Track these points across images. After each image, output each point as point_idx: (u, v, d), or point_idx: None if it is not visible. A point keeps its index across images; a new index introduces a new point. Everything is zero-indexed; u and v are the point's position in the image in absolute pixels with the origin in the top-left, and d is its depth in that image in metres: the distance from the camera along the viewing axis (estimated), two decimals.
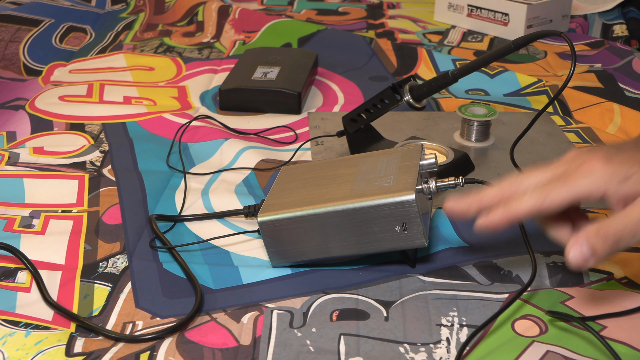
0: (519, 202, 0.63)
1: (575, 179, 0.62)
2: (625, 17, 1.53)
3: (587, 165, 0.63)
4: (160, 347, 0.65)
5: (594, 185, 0.62)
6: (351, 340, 0.65)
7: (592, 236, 0.59)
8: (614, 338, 0.65)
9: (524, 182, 0.65)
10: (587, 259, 0.59)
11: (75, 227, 0.83)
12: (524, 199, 0.63)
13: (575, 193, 0.62)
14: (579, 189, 0.62)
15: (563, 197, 0.62)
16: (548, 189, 0.63)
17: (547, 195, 0.62)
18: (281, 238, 0.74)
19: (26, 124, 1.08)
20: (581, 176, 0.62)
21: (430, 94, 0.90)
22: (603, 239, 0.59)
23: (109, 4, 1.65)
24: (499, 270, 0.75)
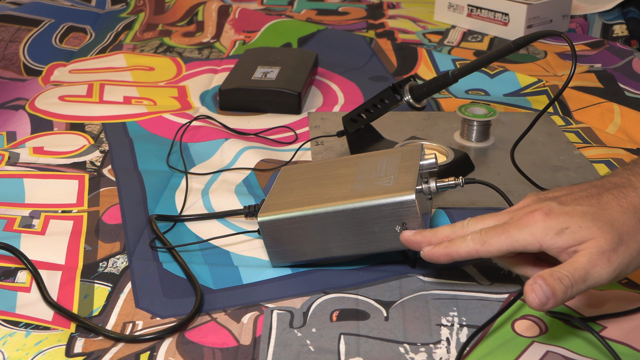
0: (460, 243, 0.66)
1: (513, 230, 0.64)
2: (625, 17, 1.53)
3: (527, 218, 0.65)
4: (160, 347, 0.65)
5: (530, 238, 0.64)
6: (351, 340, 0.65)
7: (548, 278, 0.61)
8: (614, 338, 0.65)
9: (472, 226, 0.68)
10: (548, 299, 0.60)
11: (75, 227, 0.83)
12: (465, 241, 0.66)
13: (511, 244, 0.64)
14: (514, 241, 0.64)
15: (500, 246, 0.64)
16: (487, 237, 0.65)
17: (485, 242, 0.65)
18: (281, 238, 0.74)
19: (26, 124, 1.08)
20: (518, 228, 0.64)
21: (430, 94, 0.90)
22: (558, 280, 0.60)
23: (109, 4, 1.65)
24: (499, 270, 0.75)
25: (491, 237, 0.65)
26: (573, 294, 0.61)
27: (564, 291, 0.60)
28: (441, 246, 0.67)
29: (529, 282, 0.61)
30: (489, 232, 0.65)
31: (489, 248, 0.65)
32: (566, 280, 0.60)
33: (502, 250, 0.65)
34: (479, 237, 0.65)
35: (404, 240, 0.70)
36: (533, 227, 0.64)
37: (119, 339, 0.66)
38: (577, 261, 0.61)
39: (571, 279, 0.60)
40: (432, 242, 0.68)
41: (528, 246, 0.64)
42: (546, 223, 0.63)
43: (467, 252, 0.66)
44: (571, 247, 0.62)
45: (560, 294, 0.60)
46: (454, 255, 0.66)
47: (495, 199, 0.87)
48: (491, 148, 1.01)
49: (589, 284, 0.61)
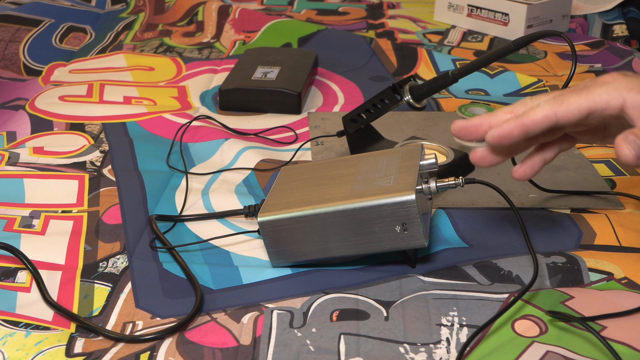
0: (534, 110, 0.61)
1: (592, 88, 0.60)
2: (625, 17, 1.53)
3: (604, 77, 0.61)
4: (160, 347, 0.65)
5: (613, 93, 0.60)
6: (351, 340, 0.65)
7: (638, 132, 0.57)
8: (614, 338, 0.65)
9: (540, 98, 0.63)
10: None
11: (75, 227, 0.83)
12: (539, 107, 0.60)
13: (592, 102, 0.60)
14: (596, 97, 0.60)
15: (580, 105, 0.60)
16: (564, 97, 0.60)
17: (563, 103, 0.60)
18: (281, 238, 0.74)
19: (26, 124, 1.08)
20: (598, 86, 0.60)
21: (430, 94, 0.90)
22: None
23: (109, 4, 1.65)
24: (499, 270, 0.75)
25: (569, 97, 0.60)
26: None
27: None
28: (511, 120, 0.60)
29: (621, 136, 0.57)
30: (565, 94, 0.60)
31: (568, 107, 0.60)
32: None
33: (583, 108, 0.60)
34: (556, 100, 0.60)
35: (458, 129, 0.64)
36: (616, 83, 0.60)
37: (119, 339, 0.66)
38: None
39: None
40: (491, 122, 0.63)
41: (611, 102, 0.60)
42: (628, 79, 0.60)
43: (544, 116, 0.60)
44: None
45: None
46: (529, 123, 0.60)
47: (495, 199, 0.87)
48: None
49: None
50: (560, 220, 0.84)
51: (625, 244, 0.80)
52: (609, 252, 0.78)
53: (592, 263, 0.76)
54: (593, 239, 0.80)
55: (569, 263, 0.76)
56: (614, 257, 0.77)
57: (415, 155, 0.77)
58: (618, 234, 0.81)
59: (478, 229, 0.82)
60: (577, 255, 0.77)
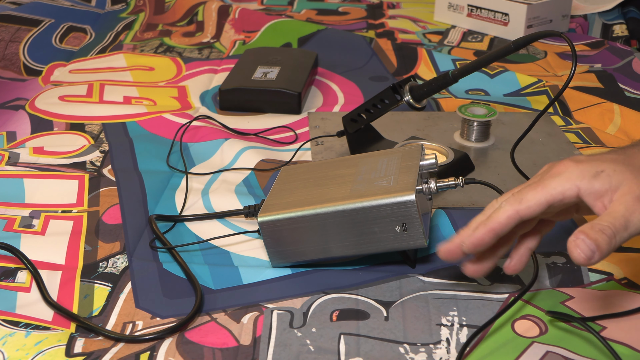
0: (497, 213, 0.64)
1: (547, 181, 0.63)
2: (625, 17, 1.53)
3: (558, 167, 0.64)
4: (160, 347, 0.65)
5: (567, 183, 0.62)
6: (351, 340, 0.65)
7: (589, 231, 0.59)
8: (614, 339, 0.65)
9: (502, 198, 0.66)
10: (593, 252, 0.59)
11: (75, 227, 0.83)
12: (501, 208, 0.64)
13: (549, 195, 0.63)
14: (552, 189, 0.63)
15: (539, 199, 0.63)
16: (522, 194, 0.63)
17: (522, 200, 0.63)
18: (281, 238, 0.74)
19: (26, 124, 1.08)
20: (553, 177, 0.63)
21: (430, 94, 0.90)
22: (600, 232, 0.59)
23: (109, 4, 1.65)
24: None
25: (527, 193, 0.63)
26: (617, 243, 0.60)
27: (608, 242, 0.59)
28: (480, 226, 0.64)
29: (571, 238, 0.59)
30: (522, 191, 0.63)
31: (528, 204, 0.62)
32: (608, 230, 0.59)
33: (542, 203, 0.62)
34: (514, 198, 0.63)
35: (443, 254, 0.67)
36: (568, 173, 0.62)
37: (119, 339, 0.66)
38: (615, 210, 0.60)
39: (613, 229, 0.59)
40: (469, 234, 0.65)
41: (566, 192, 0.62)
42: (580, 167, 0.62)
43: (508, 217, 0.63)
44: (607, 192, 0.61)
45: (604, 245, 0.59)
46: (496, 226, 0.63)
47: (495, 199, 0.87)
48: (491, 148, 1.01)
49: (630, 231, 0.60)
50: None
51: (625, 244, 0.79)
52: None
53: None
54: None
55: (568, 263, 0.76)
56: (614, 257, 0.77)
57: (415, 155, 0.77)
58: None
59: None
60: None
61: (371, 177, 0.75)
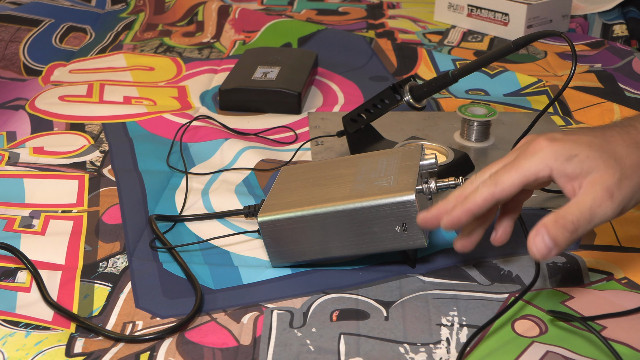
0: (473, 194, 0.65)
1: (521, 162, 0.64)
2: (625, 17, 1.53)
3: (532, 146, 0.64)
4: (160, 347, 0.65)
5: (540, 164, 0.63)
6: (351, 340, 0.65)
7: (551, 227, 0.61)
8: (614, 338, 0.65)
9: (479, 179, 0.67)
10: (550, 250, 0.60)
11: (75, 227, 0.83)
12: (478, 190, 0.65)
13: (523, 176, 0.63)
14: (525, 170, 0.63)
15: (513, 181, 0.64)
16: (497, 176, 0.64)
17: (497, 182, 0.64)
18: (281, 238, 0.74)
19: (26, 124, 1.08)
20: (527, 158, 0.64)
21: (431, 94, 0.90)
22: (562, 228, 0.60)
23: (109, 4, 1.65)
24: (499, 270, 0.75)
25: (502, 175, 0.64)
26: (578, 237, 0.61)
27: (568, 238, 0.60)
28: (457, 207, 0.65)
29: (532, 232, 0.61)
30: (498, 172, 0.64)
31: (502, 186, 0.64)
32: (570, 226, 0.60)
33: (516, 184, 0.63)
34: (490, 180, 0.64)
35: (421, 223, 0.68)
36: (541, 153, 0.63)
37: (119, 339, 0.66)
38: (582, 201, 0.61)
39: (576, 224, 0.60)
40: (448, 209, 0.67)
41: (540, 173, 0.63)
42: (554, 148, 0.63)
43: (484, 199, 0.64)
44: (578, 176, 0.62)
45: (563, 242, 0.60)
46: (473, 207, 0.65)
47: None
48: (491, 148, 1.01)
49: (594, 223, 0.61)
50: None
51: (625, 244, 0.80)
52: (609, 252, 0.78)
53: (592, 263, 0.76)
54: (593, 239, 0.80)
55: (569, 263, 0.76)
56: (614, 257, 0.77)
57: (415, 155, 0.77)
58: (618, 234, 0.81)
59: None
60: (577, 255, 0.77)
61: (371, 177, 0.75)
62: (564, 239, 0.60)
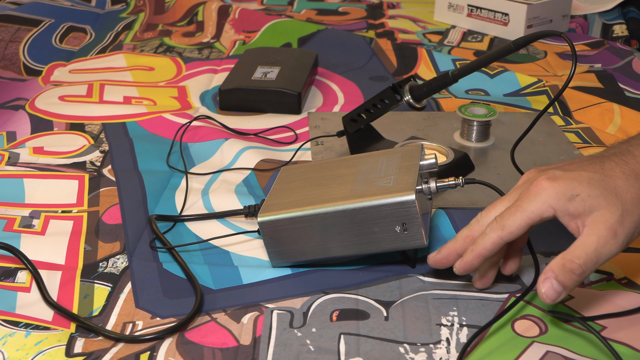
0: (482, 239, 0.67)
1: (525, 204, 0.65)
2: (625, 17, 1.53)
3: (534, 187, 0.66)
4: (160, 347, 0.65)
5: (543, 205, 0.65)
6: (351, 340, 0.65)
7: (559, 272, 0.62)
8: (614, 338, 0.65)
9: (486, 218, 0.69)
10: (559, 294, 0.62)
11: (75, 227, 0.83)
12: (486, 235, 0.67)
13: (528, 217, 0.65)
14: (530, 212, 0.65)
15: (519, 224, 0.65)
16: (503, 220, 0.66)
17: (504, 226, 0.66)
18: (281, 238, 0.74)
19: (26, 124, 1.08)
20: (530, 200, 0.65)
21: (430, 94, 0.90)
22: (570, 273, 0.62)
23: (109, 4, 1.65)
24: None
25: (507, 219, 0.65)
26: (584, 278, 0.63)
27: (576, 281, 0.62)
28: (468, 252, 0.67)
29: (541, 277, 0.63)
30: (503, 216, 0.66)
31: (510, 230, 0.65)
32: (578, 270, 0.62)
33: (522, 227, 0.65)
34: (497, 224, 0.66)
35: (432, 264, 0.71)
36: (544, 195, 0.65)
37: (119, 339, 0.66)
38: (587, 243, 0.63)
39: (583, 267, 0.62)
40: (457, 250, 0.69)
41: (544, 214, 0.65)
42: (556, 189, 0.64)
43: (493, 243, 0.66)
44: (581, 215, 0.64)
45: (571, 285, 0.62)
46: (483, 252, 0.66)
47: (495, 199, 0.87)
48: (491, 148, 1.01)
49: (600, 263, 0.63)
50: None
51: None
52: None
53: None
54: None
55: None
56: (613, 257, 0.77)
57: (415, 155, 0.77)
58: None
59: None
60: None
61: (371, 177, 0.75)
62: (572, 283, 0.62)
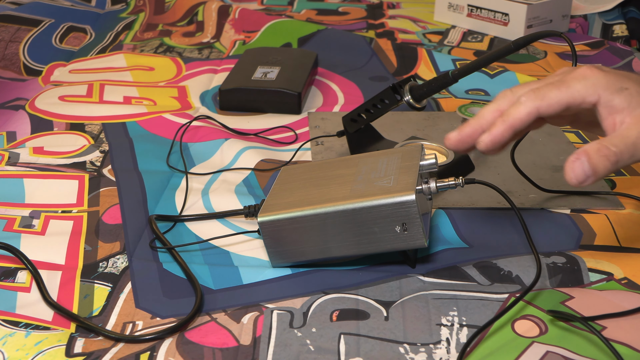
0: (516, 107, 0.63)
1: (571, 82, 0.63)
2: (625, 17, 1.53)
3: (582, 71, 0.63)
4: (160, 347, 0.65)
5: (590, 89, 0.62)
6: (351, 340, 0.65)
7: (593, 155, 0.60)
8: (614, 339, 0.65)
9: (519, 91, 0.65)
10: (587, 177, 0.60)
11: (75, 227, 0.83)
12: (521, 104, 0.63)
13: (571, 97, 0.62)
14: (575, 91, 0.62)
15: (560, 100, 0.62)
16: (544, 91, 0.63)
17: (544, 97, 0.62)
18: (281, 238, 0.74)
19: (26, 124, 1.08)
20: (577, 80, 0.63)
21: (431, 94, 0.90)
22: (605, 158, 0.60)
23: (109, 4, 1.65)
24: (499, 271, 0.75)
25: (549, 91, 0.62)
26: (617, 169, 0.61)
27: (608, 169, 0.60)
28: (498, 123, 0.63)
29: (572, 157, 0.60)
30: (543, 88, 0.63)
31: (549, 101, 0.62)
32: (613, 157, 0.60)
33: (562, 103, 0.62)
34: (536, 94, 0.63)
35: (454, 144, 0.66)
36: (593, 79, 0.62)
37: (119, 339, 0.66)
38: (627, 135, 0.61)
39: (618, 155, 0.60)
40: (483, 126, 0.65)
41: (587, 98, 0.62)
42: (607, 77, 0.62)
43: (528, 114, 0.62)
44: (624, 110, 0.61)
45: (602, 171, 0.60)
46: (516, 122, 0.63)
47: (495, 199, 0.87)
48: None
49: (635, 158, 0.61)
50: (560, 220, 0.84)
51: (625, 244, 0.80)
52: (609, 252, 0.78)
53: (592, 263, 0.76)
54: (593, 239, 0.80)
55: (569, 263, 0.76)
56: (613, 258, 0.77)
57: (415, 155, 0.77)
58: (618, 234, 0.81)
59: (478, 229, 0.82)
60: (577, 255, 0.77)
61: (371, 177, 0.75)
62: (604, 169, 0.60)
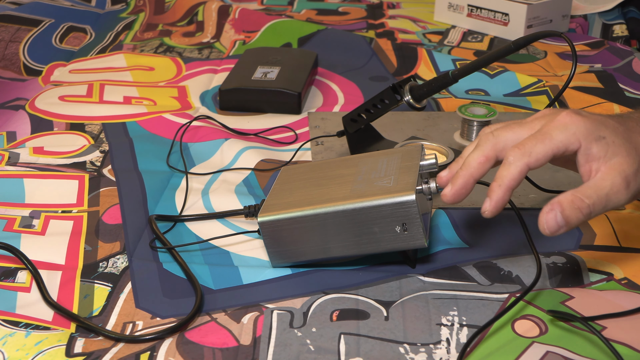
0: (508, 169, 0.65)
1: (553, 132, 0.64)
2: (625, 17, 1.53)
3: (563, 119, 0.65)
4: (160, 347, 0.65)
5: (572, 138, 0.64)
6: (351, 340, 0.65)
7: (567, 206, 0.62)
8: (614, 339, 0.65)
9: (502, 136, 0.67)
10: (560, 228, 0.62)
11: (75, 227, 0.83)
12: (511, 165, 0.65)
13: (556, 147, 0.64)
14: (558, 142, 0.64)
15: (546, 152, 0.64)
16: (529, 147, 0.65)
17: (531, 154, 0.64)
18: (281, 238, 0.74)
19: (26, 124, 1.08)
20: (559, 129, 0.64)
21: (431, 94, 0.90)
22: (578, 210, 0.62)
23: (109, 4, 1.65)
24: (499, 271, 0.75)
25: (534, 146, 0.64)
26: (589, 218, 0.63)
27: (580, 219, 0.62)
28: (495, 188, 0.65)
29: (546, 208, 0.62)
30: (527, 143, 0.65)
31: (537, 157, 0.64)
32: (586, 209, 0.62)
33: (548, 155, 0.64)
34: (522, 152, 0.65)
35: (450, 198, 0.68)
36: (574, 127, 0.64)
37: (119, 339, 0.66)
38: (600, 186, 0.63)
39: (591, 207, 0.62)
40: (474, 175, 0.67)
41: (570, 146, 0.64)
42: (586, 124, 0.64)
43: (520, 172, 0.65)
44: (600, 159, 0.64)
45: (574, 222, 0.62)
46: (512, 183, 0.65)
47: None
48: None
49: (608, 208, 0.63)
50: None
51: (625, 244, 0.80)
52: (609, 252, 0.78)
53: (592, 263, 0.76)
54: (593, 239, 0.80)
55: (569, 263, 0.76)
56: (614, 258, 0.77)
57: (415, 156, 0.77)
58: (618, 234, 0.81)
59: (478, 229, 0.82)
60: (577, 255, 0.77)
61: (371, 177, 0.75)
62: (576, 220, 0.62)
